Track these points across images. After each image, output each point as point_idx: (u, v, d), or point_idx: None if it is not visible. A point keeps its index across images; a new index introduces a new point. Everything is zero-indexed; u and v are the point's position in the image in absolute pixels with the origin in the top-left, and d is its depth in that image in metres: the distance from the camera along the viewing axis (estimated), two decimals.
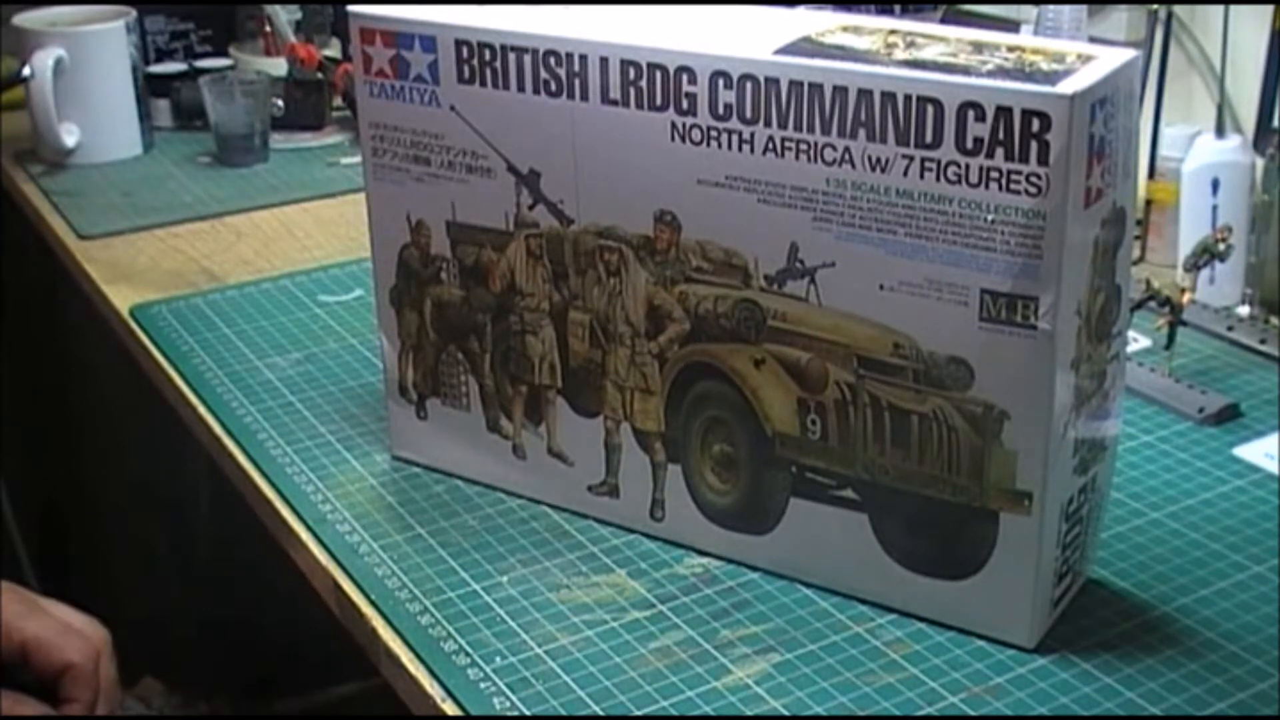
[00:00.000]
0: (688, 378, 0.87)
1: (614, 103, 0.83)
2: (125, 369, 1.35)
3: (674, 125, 0.82)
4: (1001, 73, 0.74)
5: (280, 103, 1.63)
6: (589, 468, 0.93)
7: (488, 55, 0.87)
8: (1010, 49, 0.77)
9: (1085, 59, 0.75)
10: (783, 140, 0.79)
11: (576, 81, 0.84)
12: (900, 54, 0.77)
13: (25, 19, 1.57)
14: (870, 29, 0.81)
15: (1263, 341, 1.14)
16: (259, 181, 1.54)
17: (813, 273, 0.81)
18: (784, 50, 0.79)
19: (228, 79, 1.60)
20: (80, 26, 1.57)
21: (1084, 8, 1.28)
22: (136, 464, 1.81)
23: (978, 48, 0.77)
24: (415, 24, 0.89)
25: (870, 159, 0.77)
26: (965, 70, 0.74)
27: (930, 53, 0.77)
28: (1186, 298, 1.10)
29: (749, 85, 0.79)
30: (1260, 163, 1.21)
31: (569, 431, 0.93)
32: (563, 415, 0.93)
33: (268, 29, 1.72)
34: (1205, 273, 1.14)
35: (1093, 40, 1.23)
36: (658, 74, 0.81)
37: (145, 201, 1.48)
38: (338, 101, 1.65)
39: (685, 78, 0.81)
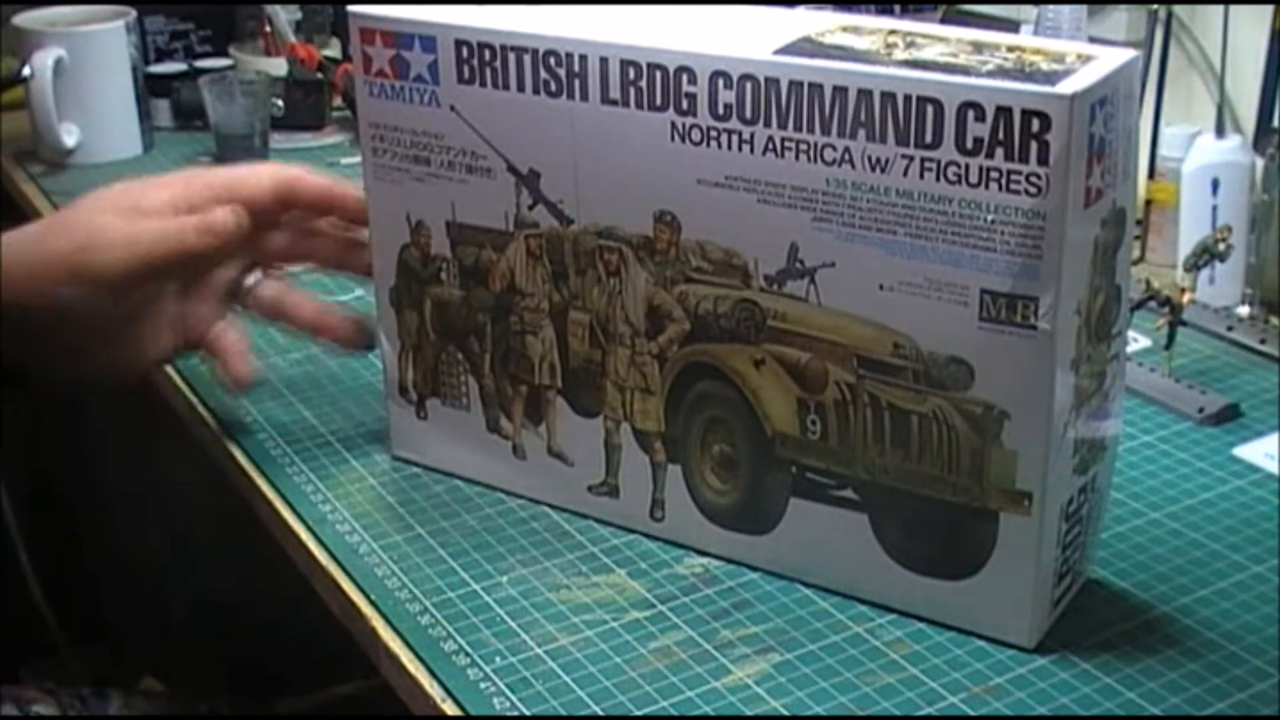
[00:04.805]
0: (688, 378, 0.87)
1: (614, 103, 0.83)
2: None
3: (674, 125, 0.82)
4: (1001, 73, 0.74)
5: (280, 103, 1.63)
6: (589, 468, 0.93)
7: (488, 55, 0.87)
8: (1010, 49, 0.77)
9: (1085, 59, 0.75)
10: (783, 140, 0.79)
11: (576, 81, 0.84)
12: (900, 54, 0.77)
13: (25, 19, 1.57)
14: (870, 29, 0.81)
15: (1263, 341, 1.14)
16: None
17: (813, 273, 0.81)
18: (784, 50, 0.79)
19: (228, 79, 1.59)
20: (80, 26, 1.57)
21: (1084, 8, 1.28)
22: (136, 463, 1.80)
23: (978, 48, 0.77)
24: (415, 24, 0.89)
25: (870, 159, 0.77)
26: (965, 70, 0.74)
27: (930, 53, 0.77)
28: (1186, 298, 1.10)
29: (749, 85, 0.79)
30: (1260, 163, 1.21)
31: (569, 431, 0.93)
32: (563, 415, 0.93)
33: (268, 29, 1.72)
34: (1205, 273, 1.14)
35: (1093, 40, 1.23)
36: (658, 74, 0.81)
37: None
38: (338, 101, 1.65)
39: (685, 78, 0.81)
